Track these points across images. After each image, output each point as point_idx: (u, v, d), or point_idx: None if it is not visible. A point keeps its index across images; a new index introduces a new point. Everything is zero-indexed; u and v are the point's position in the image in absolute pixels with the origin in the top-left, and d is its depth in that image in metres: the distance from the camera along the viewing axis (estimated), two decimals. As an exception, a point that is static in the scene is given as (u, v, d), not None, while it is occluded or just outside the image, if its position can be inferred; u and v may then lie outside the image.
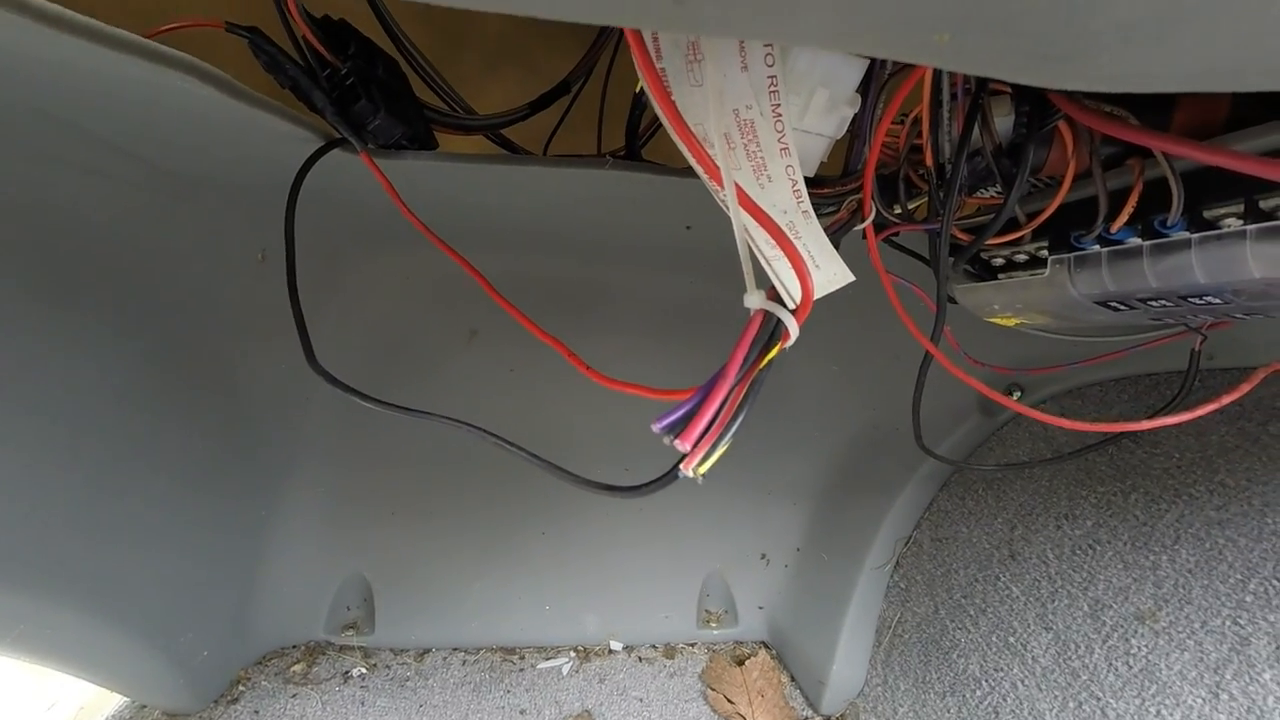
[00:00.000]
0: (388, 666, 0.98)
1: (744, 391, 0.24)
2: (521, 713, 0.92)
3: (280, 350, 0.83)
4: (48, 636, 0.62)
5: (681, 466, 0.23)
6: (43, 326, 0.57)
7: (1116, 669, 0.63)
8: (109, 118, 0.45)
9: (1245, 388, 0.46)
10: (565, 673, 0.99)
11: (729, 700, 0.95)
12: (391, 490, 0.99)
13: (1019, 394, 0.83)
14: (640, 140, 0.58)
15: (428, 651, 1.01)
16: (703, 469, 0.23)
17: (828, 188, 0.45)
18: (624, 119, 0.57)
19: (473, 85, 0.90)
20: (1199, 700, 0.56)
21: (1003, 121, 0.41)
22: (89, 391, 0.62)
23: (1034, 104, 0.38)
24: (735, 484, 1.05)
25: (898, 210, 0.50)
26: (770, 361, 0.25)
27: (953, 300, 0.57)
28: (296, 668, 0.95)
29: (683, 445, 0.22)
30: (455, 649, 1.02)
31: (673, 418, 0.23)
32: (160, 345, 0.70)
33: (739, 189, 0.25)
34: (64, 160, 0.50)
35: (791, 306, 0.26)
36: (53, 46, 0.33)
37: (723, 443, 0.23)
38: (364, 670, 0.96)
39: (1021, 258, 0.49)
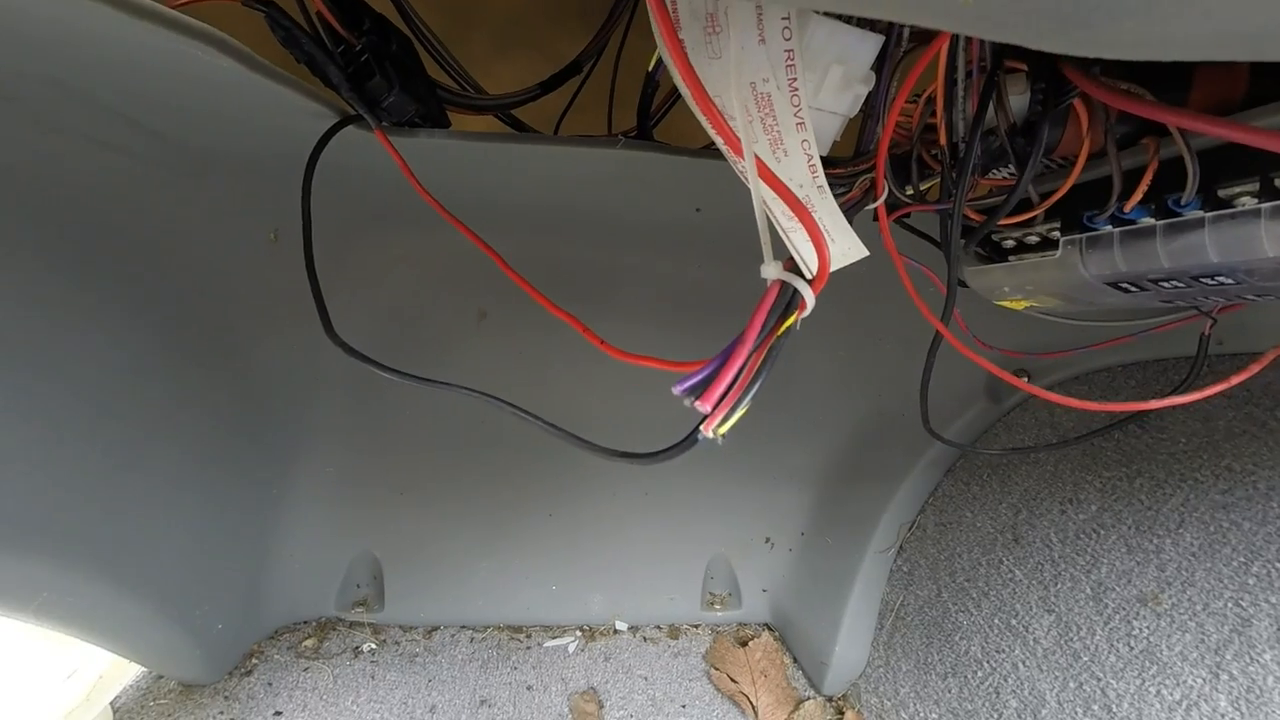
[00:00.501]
0: (397, 643, 1.00)
1: (762, 357, 0.24)
2: (528, 689, 0.94)
3: (291, 330, 0.83)
4: (69, 604, 0.64)
5: (703, 428, 0.24)
6: (59, 298, 0.57)
7: (1118, 650, 0.64)
8: (124, 90, 0.46)
9: (1255, 368, 0.47)
10: (571, 651, 1.01)
11: (732, 680, 0.96)
12: (401, 470, 1.00)
13: (1026, 379, 0.83)
14: (652, 120, 0.58)
15: (436, 629, 1.03)
16: (723, 430, 0.23)
17: (841, 168, 0.46)
18: (634, 102, 0.57)
19: (482, 67, 0.90)
20: (1199, 680, 0.57)
21: (1018, 99, 0.40)
22: (105, 365, 0.63)
23: (1049, 81, 0.38)
24: (741, 468, 1.06)
25: (910, 191, 0.50)
26: (788, 330, 0.25)
27: (963, 283, 0.57)
28: (308, 642, 0.97)
29: (704, 406, 0.23)
30: (463, 626, 1.04)
31: (693, 380, 0.23)
32: (173, 321, 0.71)
33: (758, 160, 0.25)
34: (78, 132, 0.50)
35: (808, 277, 0.26)
36: (73, 12, 0.33)
37: (742, 405, 0.24)
38: (374, 646, 0.98)
39: (1033, 239, 0.49)
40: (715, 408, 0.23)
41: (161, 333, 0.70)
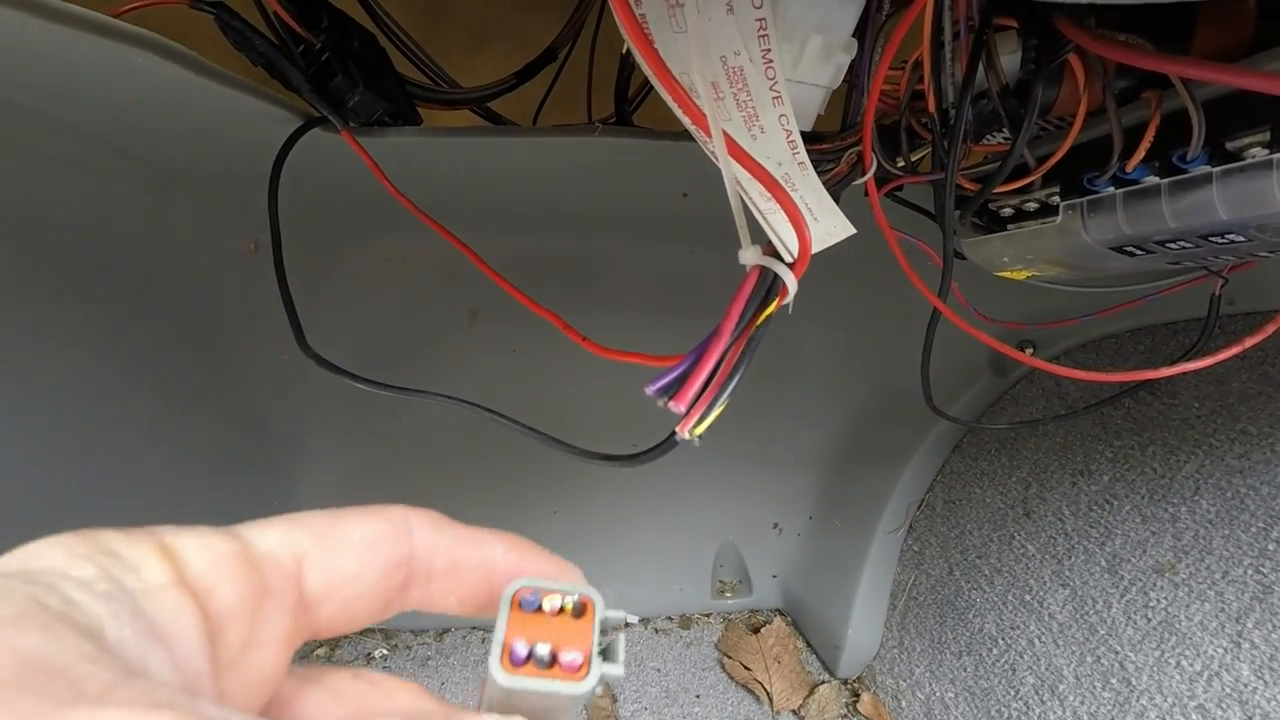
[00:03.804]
0: (409, 647, 1.00)
1: (741, 349, 0.23)
2: (542, 687, 0.93)
3: (280, 341, 0.82)
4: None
5: (678, 429, 0.22)
6: (36, 322, 0.56)
7: (1135, 622, 0.62)
8: (78, 105, 0.44)
9: (1270, 328, 0.45)
10: (583, 647, 1.00)
11: (746, 667, 0.96)
12: (403, 475, 1.00)
13: (1031, 350, 0.81)
14: (630, 105, 0.57)
15: (447, 631, 1.03)
16: (699, 430, 0.22)
17: (826, 143, 0.44)
18: (613, 87, 0.55)
19: (459, 63, 0.88)
20: (1220, 650, 0.55)
21: (1009, 59, 0.38)
22: (91, 386, 0.61)
23: (1042, 37, 0.36)
24: (745, 455, 1.05)
25: (900, 163, 0.48)
26: (768, 318, 0.24)
27: (960, 255, 0.55)
28: (319, 651, 0.97)
29: (677, 407, 0.21)
30: (474, 627, 1.04)
31: (666, 380, 0.22)
32: (158, 339, 0.70)
33: (728, 137, 0.23)
34: (37, 152, 0.49)
35: (789, 260, 0.25)
36: (5, 27, 0.32)
37: (719, 403, 0.22)
38: (385, 651, 0.98)
39: (1032, 206, 0.47)
40: (690, 408, 0.21)
41: (146, 351, 0.69)
